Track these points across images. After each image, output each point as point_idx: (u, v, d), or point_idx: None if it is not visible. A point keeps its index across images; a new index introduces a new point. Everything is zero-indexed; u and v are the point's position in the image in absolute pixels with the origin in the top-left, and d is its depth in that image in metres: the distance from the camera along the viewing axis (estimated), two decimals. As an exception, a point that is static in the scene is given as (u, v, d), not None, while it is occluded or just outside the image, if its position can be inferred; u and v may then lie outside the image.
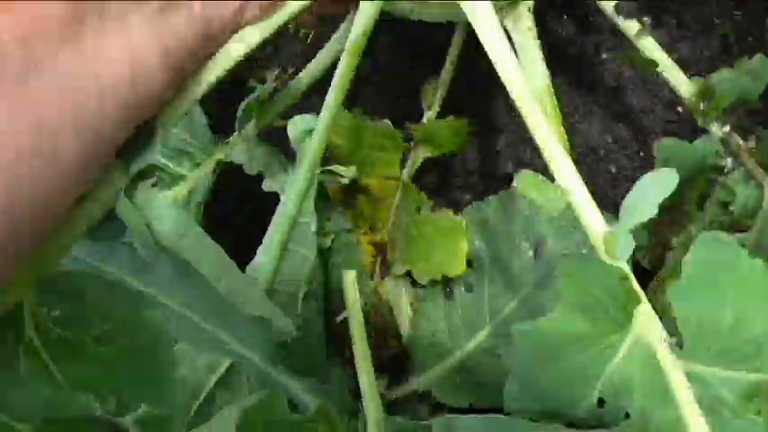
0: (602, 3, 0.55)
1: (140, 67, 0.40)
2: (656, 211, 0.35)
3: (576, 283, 0.35)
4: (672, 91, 0.54)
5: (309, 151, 0.49)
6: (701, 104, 0.52)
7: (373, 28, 0.45)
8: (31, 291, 0.38)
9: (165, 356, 0.41)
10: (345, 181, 0.62)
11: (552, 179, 0.39)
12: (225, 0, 0.43)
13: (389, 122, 0.63)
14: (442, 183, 0.68)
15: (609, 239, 0.36)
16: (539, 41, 0.50)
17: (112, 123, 0.39)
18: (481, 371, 0.59)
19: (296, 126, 0.58)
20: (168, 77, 0.41)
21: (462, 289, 0.60)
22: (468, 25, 0.61)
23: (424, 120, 0.65)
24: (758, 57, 0.53)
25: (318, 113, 0.49)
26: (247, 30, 0.43)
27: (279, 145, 0.62)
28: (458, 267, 0.60)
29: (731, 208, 0.52)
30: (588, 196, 0.38)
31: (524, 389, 0.40)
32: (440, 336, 0.61)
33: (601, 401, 0.38)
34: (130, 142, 0.42)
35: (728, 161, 0.53)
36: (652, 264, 0.53)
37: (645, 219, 0.35)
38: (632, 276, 0.35)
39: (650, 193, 0.36)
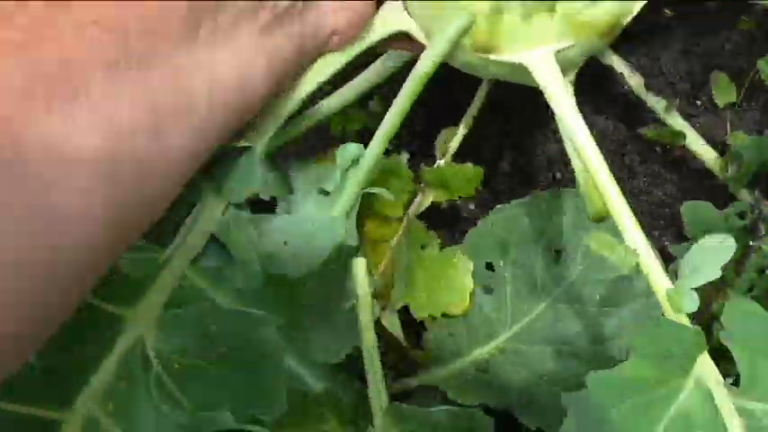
0: (632, 81, 0.60)
1: (247, 75, 0.43)
2: (719, 273, 0.41)
3: (648, 338, 0.40)
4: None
5: (355, 177, 0.52)
6: (728, 171, 0.57)
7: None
8: (151, 327, 0.42)
9: (274, 370, 0.44)
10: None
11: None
12: (320, 23, 0.47)
13: (403, 159, 0.65)
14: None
15: (673, 297, 0.42)
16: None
17: (216, 125, 0.42)
18: (497, 373, 0.61)
19: (346, 153, 0.58)
20: (268, 90, 0.45)
21: (482, 290, 0.62)
22: (494, 83, 0.66)
23: (440, 163, 0.67)
24: None
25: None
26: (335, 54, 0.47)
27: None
28: (461, 306, 0.62)
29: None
30: (653, 256, 0.43)
31: (587, 428, 0.44)
32: (457, 336, 0.62)
33: (664, 439, 0.43)
34: (223, 167, 0.45)
35: (761, 226, 0.57)
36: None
37: (708, 279, 0.41)
38: (700, 331, 0.40)
39: (709, 256, 0.42)
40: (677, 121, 0.61)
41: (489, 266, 0.62)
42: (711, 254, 0.42)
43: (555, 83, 0.48)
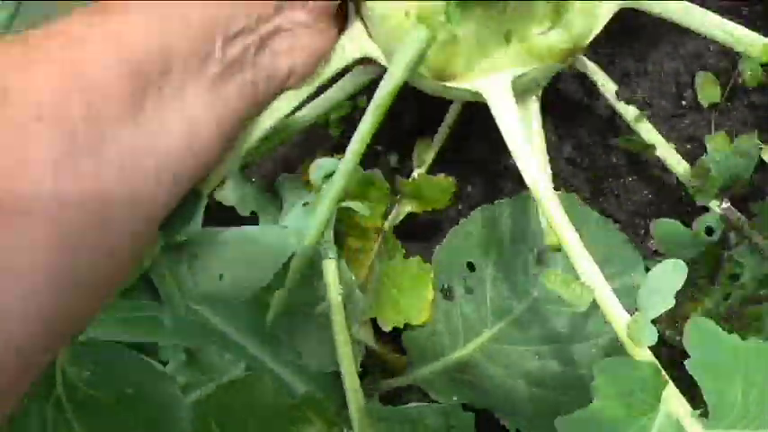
0: (603, 89, 0.59)
1: (196, 137, 0.42)
2: (672, 302, 0.40)
3: (610, 378, 0.40)
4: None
5: (331, 191, 0.51)
6: (698, 183, 0.56)
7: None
8: (66, 352, 0.42)
9: (171, 422, 0.44)
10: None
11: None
12: (274, 67, 0.46)
13: (380, 172, 0.65)
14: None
15: (633, 329, 0.41)
16: (542, 132, 0.54)
17: (167, 194, 0.41)
18: (477, 372, 0.61)
19: (320, 167, 0.60)
20: (221, 145, 0.44)
21: (463, 290, 0.62)
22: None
23: (414, 175, 0.67)
24: (745, 137, 0.58)
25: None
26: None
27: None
28: (421, 316, 0.62)
29: (742, 280, 0.56)
30: (609, 290, 0.43)
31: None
32: (438, 336, 0.62)
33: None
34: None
35: (731, 235, 0.56)
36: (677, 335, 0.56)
37: (663, 310, 0.40)
38: (658, 365, 0.40)
39: (663, 284, 0.41)
40: (648, 131, 0.60)
41: (471, 266, 0.62)
42: (664, 281, 0.41)
43: (507, 113, 0.47)
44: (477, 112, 0.62)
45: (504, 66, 0.48)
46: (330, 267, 0.58)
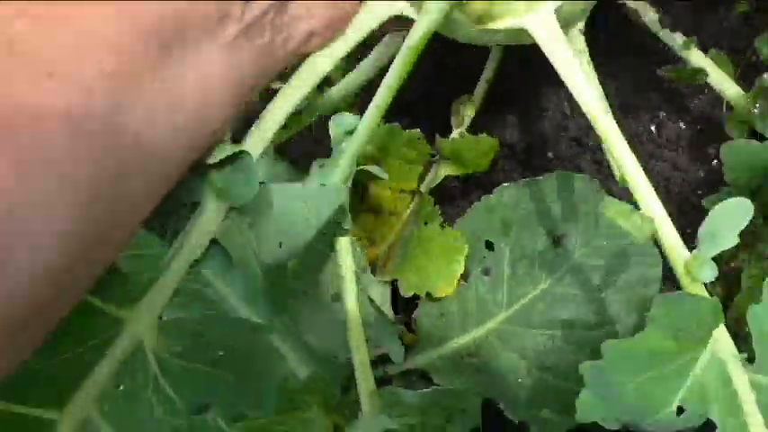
0: (647, 18, 0.58)
1: (210, 98, 0.41)
2: (736, 240, 0.39)
3: (666, 308, 0.39)
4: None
5: (349, 149, 0.50)
6: (755, 108, 0.54)
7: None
8: (150, 329, 0.41)
9: (266, 373, 0.44)
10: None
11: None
12: (292, 31, 0.45)
13: (419, 132, 0.63)
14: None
15: (693, 266, 0.40)
16: (591, 64, 0.52)
17: (182, 152, 0.41)
18: (488, 357, 0.60)
19: (338, 124, 0.56)
20: (235, 108, 0.43)
21: (480, 270, 0.60)
22: (503, 48, 0.63)
23: (454, 135, 0.65)
24: None
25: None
26: (335, 44, 0.46)
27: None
28: (447, 289, 0.60)
29: None
30: (671, 225, 0.42)
31: (603, 399, 0.43)
32: (449, 317, 0.61)
33: (680, 410, 0.42)
34: (225, 171, 0.43)
35: None
36: (725, 282, 0.55)
37: (726, 247, 0.39)
38: (719, 303, 0.39)
39: (726, 223, 0.40)
40: (697, 58, 0.58)
41: (489, 245, 0.60)
42: (728, 219, 0.40)
43: (558, 48, 0.45)
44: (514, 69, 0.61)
45: (543, -1, 0.46)
46: (344, 243, 0.55)
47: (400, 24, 0.49)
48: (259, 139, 0.46)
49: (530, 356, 0.59)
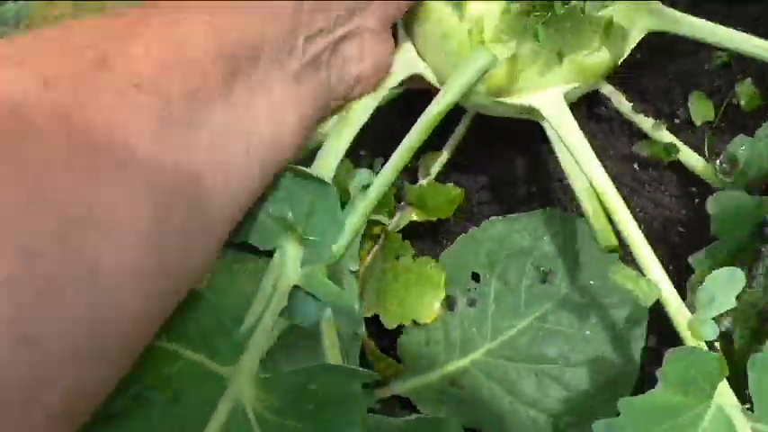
0: (619, 103, 0.64)
1: (282, 126, 0.44)
2: (733, 304, 0.44)
3: (676, 364, 0.44)
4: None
5: (365, 203, 0.52)
6: (729, 178, 0.58)
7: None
8: (250, 386, 0.44)
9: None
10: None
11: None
12: (344, 72, 0.48)
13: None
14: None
15: (694, 327, 0.45)
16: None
17: (252, 185, 0.43)
18: (471, 388, 0.60)
19: (358, 179, 0.56)
20: (300, 138, 0.46)
21: (465, 301, 0.62)
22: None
23: (423, 182, 0.67)
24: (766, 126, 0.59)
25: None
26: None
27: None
28: (430, 313, 0.62)
29: None
30: (672, 288, 0.47)
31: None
32: (434, 346, 0.61)
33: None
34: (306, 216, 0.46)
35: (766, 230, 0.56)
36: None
37: (723, 311, 0.45)
38: (723, 358, 0.44)
39: (722, 289, 0.45)
40: (667, 137, 0.63)
41: (475, 277, 0.62)
42: (723, 287, 0.45)
43: (567, 123, 0.51)
44: (485, 126, 0.66)
45: (555, 82, 0.52)
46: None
47: (414, 84, 0.54)
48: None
49: (512, 389, 0.60)
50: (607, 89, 0.64)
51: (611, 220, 0.50)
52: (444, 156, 0.68)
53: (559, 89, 0.52)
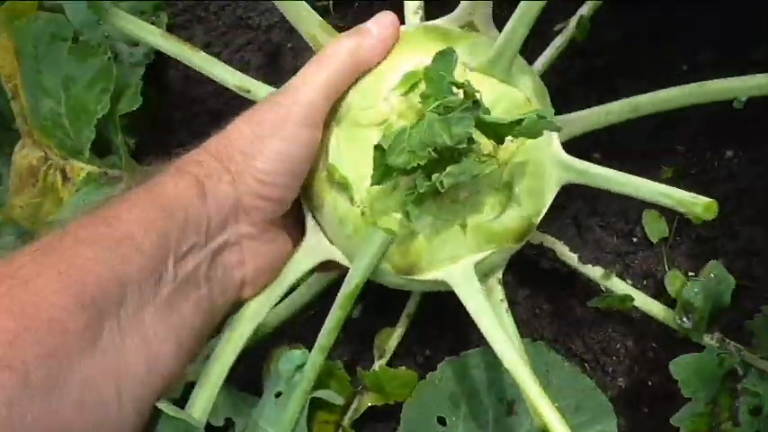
0: (565, 256, 0.61)
1: (156, 356, 0.42)
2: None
3: None
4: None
5: (302, 384, 0.51)
6: (685, 321, 0.57)
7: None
8: None
9: None
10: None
11: None
12: (227, 280, 0.47)
13: (340, 363, 0.64)
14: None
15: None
16: (509, 313, 0.55)
17: (131, 415, 0.41)
18: None
19: (288, 361, 0.58)
20: (181, 359, 0.44)
21: None
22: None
23: (375, 366, 0.66)
24: (713, 263, 0.60)
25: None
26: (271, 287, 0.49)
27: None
28: None
29: (765, 412, 0.55)
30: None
31: None
32: None
33: None
34: None
35: (738, 367, 0.56)
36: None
37: None
38: None
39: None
40: (619, 285, 0.61)
41: (441, 421, 0.59)
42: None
43: (474, 300, 0.48)
44: (437, 297, 0.64)
45: (465, 253, 0.49)
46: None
47: (329, 268, 0.53)
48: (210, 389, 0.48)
49: None
50: (548, 241, 0.62)
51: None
52: (399, 331, 0.67)
53: (470, 260, 0.49)
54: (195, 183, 0.45)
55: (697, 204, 0.47)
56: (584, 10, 0.62)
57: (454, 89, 0.45)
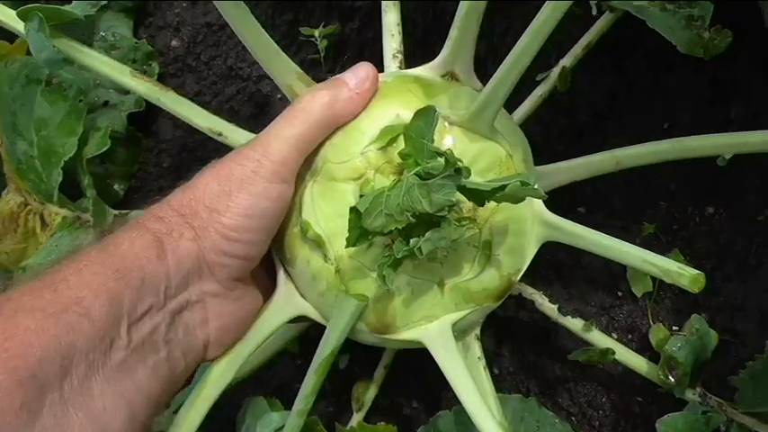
0: (544, 307, 0.60)
1: (104, 429, 0.39)
2: None
3: None
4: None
5: None
6: (669, 378, 0.56)
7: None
8: None
9: None
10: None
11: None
12: (189, 341, 0.45)
13: (318, 419, 0.61)
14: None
15: None
16: (487, 370, 0.53)
17: None
18: None
19: (267, 425, 0.58)
20: (138, 426, 0.41)
21: None
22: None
23: (353, 422, 0.65)
24: (695, 317, 0.59)
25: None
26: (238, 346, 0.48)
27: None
28: None
29: None
30: None
31: None
32: None
33: None
34: None
35: (720, 425, 0.56)
36: None
37: None
38: None
39: None
40: (599, 338, 0.60)
41: None
42: None
43: (449, 361, 0.47)
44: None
45: (442, 312, 0.48)
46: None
47: (299, 320, 0.51)
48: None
49: None
50: (528, 291, 0.61)
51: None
52: (375, 384, 0.66)
53: (447, 319, 0.48)
54: (153, 240, 0.43)
55: (684, 276, 0.47)
56: (567, 61, 0.62)
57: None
